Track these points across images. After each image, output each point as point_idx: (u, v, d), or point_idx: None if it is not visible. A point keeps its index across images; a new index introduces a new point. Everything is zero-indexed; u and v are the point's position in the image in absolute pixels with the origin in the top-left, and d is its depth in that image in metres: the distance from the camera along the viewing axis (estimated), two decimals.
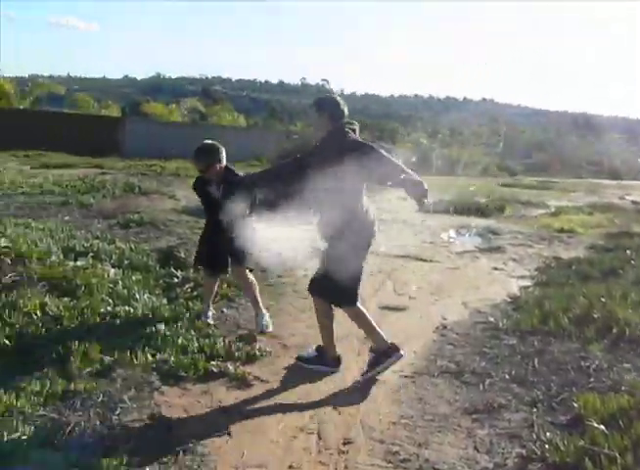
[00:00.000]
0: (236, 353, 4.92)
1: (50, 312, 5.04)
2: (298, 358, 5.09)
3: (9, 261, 5.62)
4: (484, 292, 7.61)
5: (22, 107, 35.23)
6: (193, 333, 5.24)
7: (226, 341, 5.13)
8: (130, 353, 4.57)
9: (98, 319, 5.08)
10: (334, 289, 4.79)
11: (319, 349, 5.11)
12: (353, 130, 4.74)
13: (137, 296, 5.76)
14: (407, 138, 74.58)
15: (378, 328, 5.00)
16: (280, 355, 5.16)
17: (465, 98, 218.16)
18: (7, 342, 4.55)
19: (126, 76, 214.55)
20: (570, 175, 44.99)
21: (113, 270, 6.44)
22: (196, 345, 4.94)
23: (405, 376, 4.89)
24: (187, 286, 6.53)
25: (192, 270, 6.91)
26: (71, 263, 6.17)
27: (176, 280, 6.65)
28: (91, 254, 6.80)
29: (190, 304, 5.97)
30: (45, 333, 4.74)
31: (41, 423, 3.50)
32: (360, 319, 5.04)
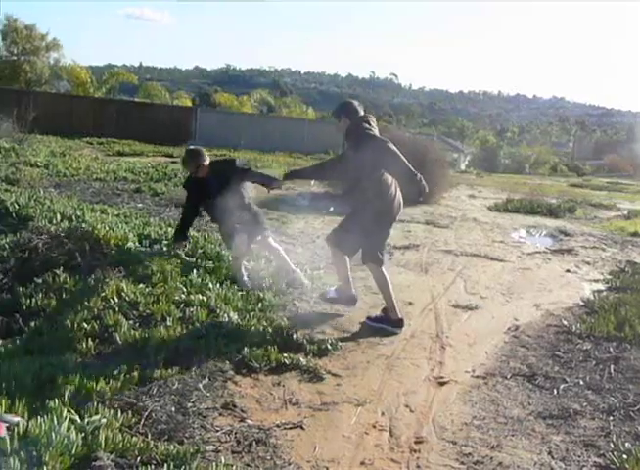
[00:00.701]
0: (308, 346, 4.92)
1: (126, 298, 5.13)
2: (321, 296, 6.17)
3: (88, 247, 5.73)
4: (557, 294, 7.45)
5: (97, 95, 35.97)
6: (265, 324, 5.27)
7: (298, 333, 5.14)
8: (205, 342, 4.62)
9: (172, 306, 5.14)
10: (346, 242, 5.83)
11: (338, 288, 6.14)
12: (368, 122, 5.70)
13: (210, 285, 5.81)
14: (475, 135, 73.77)
15: (394, 298, 5.80)
16: (352, 350, 5.14)
17: (535, 95, 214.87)
18: (85, 325, 4.66)
19: (197, 67, 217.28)
20: None
21: (186, 258, 6.52)
22: (268, 336, 4.96)
23: (477, 376, 4.82)
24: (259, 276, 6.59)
25: (263, 261, 6.96)
26: (147, 250, 6.26)
27: (246, 271, 6.69)
28: (165, 241, 6.87)
29: (261, 294, 6.00)
30: (122, 317, 4.82)
31: (119, 407, 3.56)
32: (380, 281, 5.90)
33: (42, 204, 7.80)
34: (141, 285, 5.47)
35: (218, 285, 5.90)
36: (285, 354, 4.68)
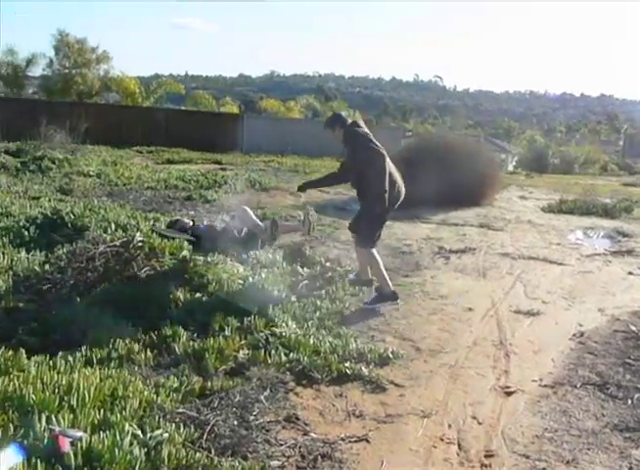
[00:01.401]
0: (368, 355, 4.80)
1: (184, 307, 5.08)
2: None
3: (143, 255, 5.70)
4: (621, 298, 7.19)
5: (145, 105, 36.40)
6: (323, 332, 5.18)
7: (358, 342, 5.03)
8: (264, 352, 4.53)
9: (230, 315, 5.06)
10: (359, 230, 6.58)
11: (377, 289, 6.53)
12: (358, 125, 6.61)
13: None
14: (522, 135, 72.85)
15: (385, 273, 6.46)
16: (413, 359, 5.00)
17: (582, 94, 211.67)
18: (144, 336, 4.61)
19: (241, 75, 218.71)
20: None
21: (241, 266, 6.46)
22: (327, 345, 4.85)
23: (545, 385, 4.65)
24: (314, 283, 6.50)
25: (318, 268, 6.88)
26: (202, 258, 6.22)
27: (301, 278, 6.59)
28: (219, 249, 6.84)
29: (318, 302, 5.91)
30: (180, 327, 4.76)
31: (181, 421, 3.48)
32: (372, 261, 6.51)
33: (97, 213, 7.83)
34: (198, 294, 5.41)
35: (275, 293, 5.82)
36: (346, 364, 4.56)
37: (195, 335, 4.72)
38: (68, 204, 8.96)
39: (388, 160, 6.43)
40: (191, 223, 7.72)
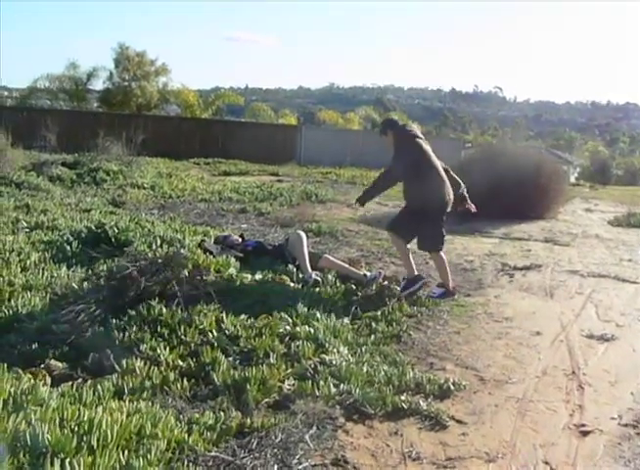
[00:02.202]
0: (427, 386, 4.34)
1: (226, 331, 4.70)
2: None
3: (186, 273, 5.35)
4: None
5: (204, 116, 36.51)
6: (378, 359, 4.74)
7: (415, 371, 4.58)
8: (312, 383, 4.11)
9: (276, 341, 4.67)
10: (400, 228, 6.94)
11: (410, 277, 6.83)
12: (409, 127, 7.10)
13: (317, 314, 5.33)
14: (585, 146, 71.33)
15: (412, 261, 7.02)
16: (477, 390, 4.52)
17: None
18: (181, 362, 4.24)
19: (300, 87, 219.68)
20: None
21: (292, 284, 6.07)
22: (382, 374, 4.41)
23: (625, 424, 4.11)
24: (369, 303, 6.08)
25: (373, 286, 6.44)
26: (250, 276, 5.85)
27: (355, 298, 6.17)
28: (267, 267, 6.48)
29: (373, 324, 5.49)
30: (221, 354, 4.38)
31: (214, 465, 3.09)
32: (402, 251, 7.05)
33: (142, 227, 7.52)
34: (242, 316, 5.02)
35: (326, 315, 5.41)
36: (402, 397, 4.11)
37: (237, 362, 4.34)
38: (114, 217, 8.71)
39: (434, 162, 6.84)
40: (240, 240, 7.38)
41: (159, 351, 4.29)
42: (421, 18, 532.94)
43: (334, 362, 4.47)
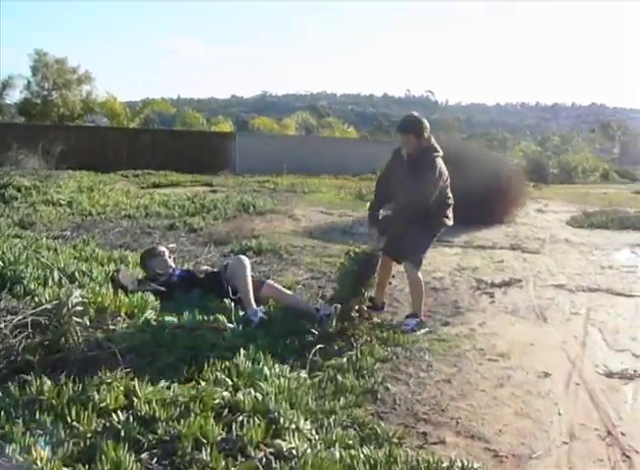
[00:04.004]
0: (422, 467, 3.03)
1: (139, 411, 3.27)
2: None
3: (87, 323, 3.91)
4: None
5: (131, 126, 34.57)
6: (352, 434, 3.43)
7: (406, 449, 3.25)
8: None
9: (210, 420, 3.25)
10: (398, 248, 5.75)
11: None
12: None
13: (265, 369, 3.95)
14: (518, 146, 71.57)
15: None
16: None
17: (573, 103, 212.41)
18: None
19: (234, 96, 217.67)
20: None
21: (231, 327, 4.67)
22: (362, 461, 3.06)
23: None
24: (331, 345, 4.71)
25: (333, 323, 5.07)
26: (174, 319, 4.45)
27: (312, 338, 4.80)
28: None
29: (339, 377, 4.16)
30: (126, 454, 2.94)
31: None
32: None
33: (37, 259, 5.89)
34: (162, 383, 3.59)
35: (277, 369, 4.04)
36: None
37: (154, 461, 2.95)
38: (16, 241, 7.15)
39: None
40: (169, 263, 5.93)
41: (34, 453, 2.84)
42: (350, 24, 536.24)
43: (294, 452, 3.10)
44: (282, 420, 3.34)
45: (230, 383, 3.73)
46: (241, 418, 3.33)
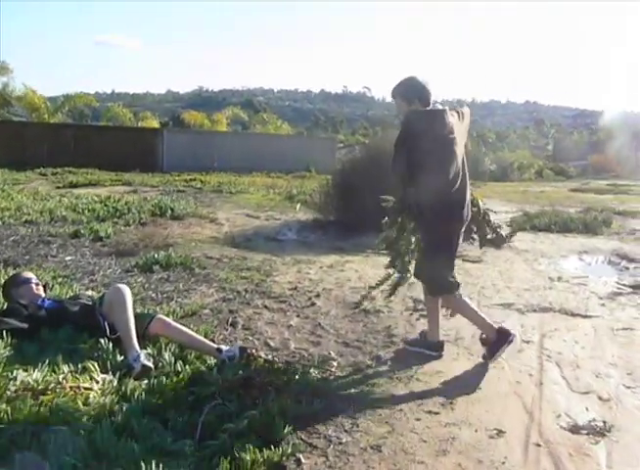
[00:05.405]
0: None
1: None
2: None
3: None
4: None
5: (52, 121, 32.72)
6: None
7: None
8: None
9: None
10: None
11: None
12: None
13: (136, 449, 2.95)
14: None
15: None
16: None
17: (508, 101, 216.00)
18: None
19: (169, 91, 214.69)
20: (635, 177, 40.47)
21: (106, 378, 3.66)
22: None
23: None
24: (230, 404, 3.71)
25: (239, 371, 4.09)
26: (20, 376, 3.41)
27: (209, 391, 3.81)
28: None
29: (236, 450, 3.19)
30: None
31: None
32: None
33: None
34: None
35: (155, 437, 3.06)
36: None
37: None
38: None
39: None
40: (40, 290, 4.89)
41: None
42: (287, 19, 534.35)
43: None
44: None
45: None
46: None
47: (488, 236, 5.48)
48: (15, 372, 3.46)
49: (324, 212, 11.85)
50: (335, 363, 4.65)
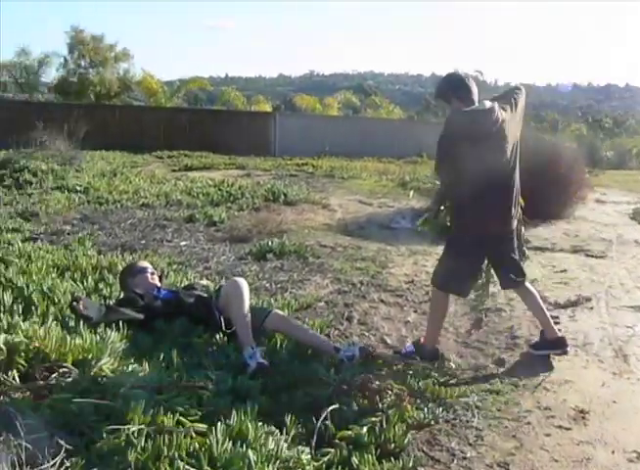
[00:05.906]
0: None
1: None
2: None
3: (16, 374, 2.82)
4: None
5: (168, 105, 33.37)
6: None
7: None
8: None
9: None
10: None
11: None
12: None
13: (251, 455, 2.80)
14: (569, 128, 69.40)
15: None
16: None
17: (627, 84, 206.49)
18: None
19: (281, 74, 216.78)
20: None
21: (218, 373, 3.54)
22: None
23: None
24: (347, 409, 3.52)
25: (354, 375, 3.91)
26: (133, 369, 3.32)
27: (324, 392, 3.63)
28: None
29: (355, 460, 2.99)
30: None
31: None
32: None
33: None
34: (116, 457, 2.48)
35: (271, 444, 2.90)
36: None
37: None
38: None
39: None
40: (155, 280, 4.84)
41: None
42: (397, 5, 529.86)
43: None
44: None
45: None
46: None
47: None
48: (130, 367, 3.38)
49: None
50: (453, 365, 4.41)
